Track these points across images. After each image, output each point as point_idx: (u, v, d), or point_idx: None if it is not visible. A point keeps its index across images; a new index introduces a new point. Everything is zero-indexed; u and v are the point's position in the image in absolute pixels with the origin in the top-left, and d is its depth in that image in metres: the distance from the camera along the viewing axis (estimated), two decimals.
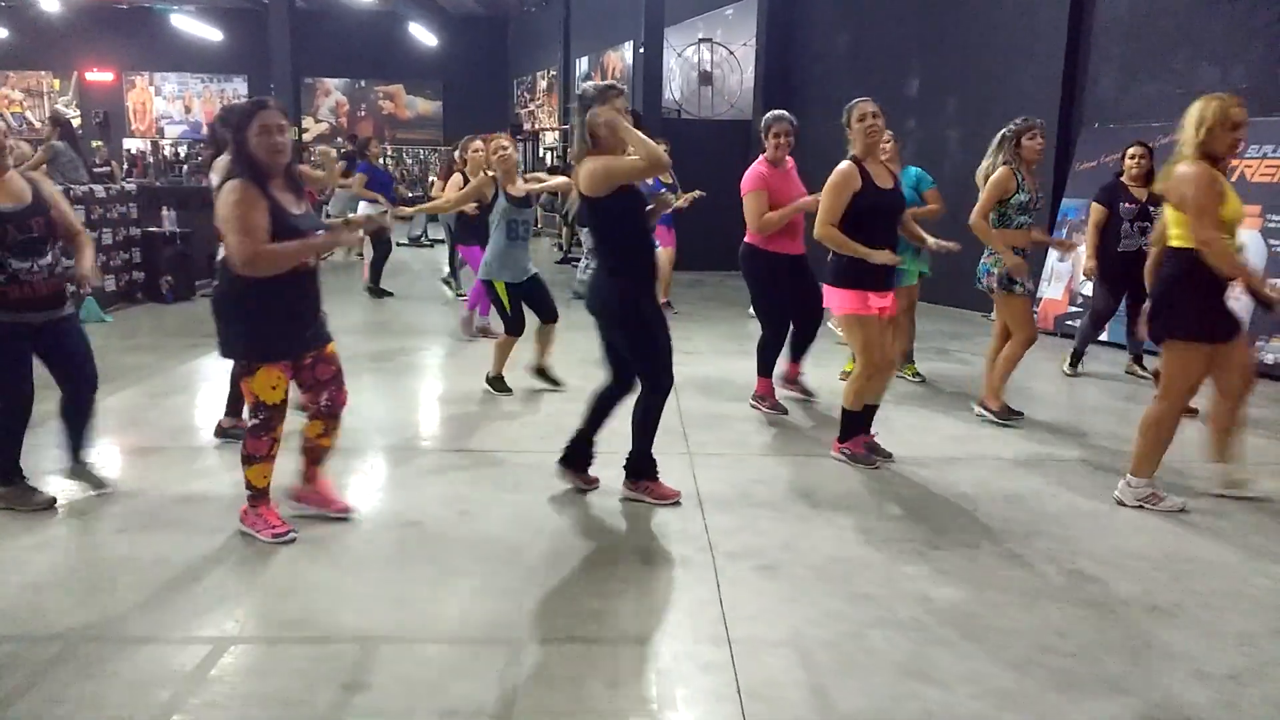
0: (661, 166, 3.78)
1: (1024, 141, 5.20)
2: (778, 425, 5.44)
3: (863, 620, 3.06)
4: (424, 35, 23.67)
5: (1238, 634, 3.02)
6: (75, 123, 15.31)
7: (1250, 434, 4.32)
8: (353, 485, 4.27)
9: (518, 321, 5.92)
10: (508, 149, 5.92)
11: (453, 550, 3.59)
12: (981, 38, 9.70)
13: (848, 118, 4.49)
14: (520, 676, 2.72)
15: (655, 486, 4.11)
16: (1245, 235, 5.52)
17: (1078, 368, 6.87)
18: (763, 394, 5.71)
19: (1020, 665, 2.80)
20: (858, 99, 4.53)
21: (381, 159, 11.94)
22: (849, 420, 4.68)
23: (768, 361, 5.68)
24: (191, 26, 23.45)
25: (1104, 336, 7.07)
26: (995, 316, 5.64)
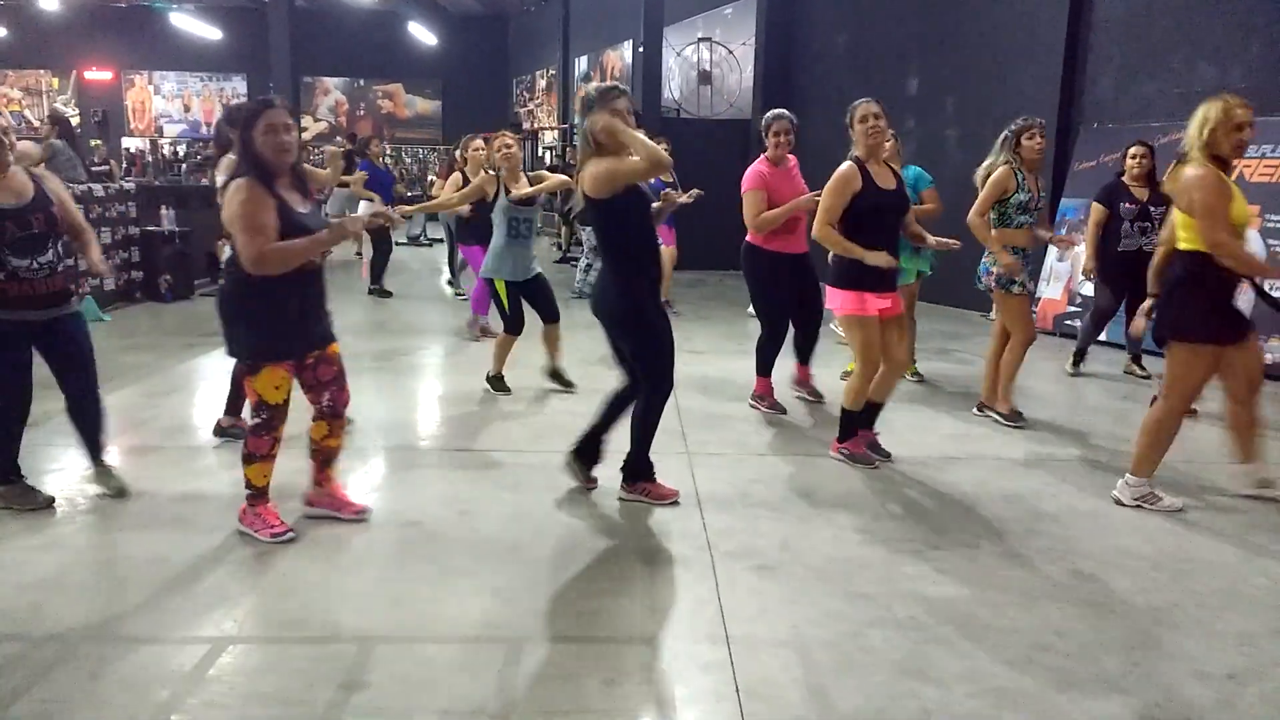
0: (663, 166, 3.77)
1: (1023, 141, 5.21)
2: (777, 425, 5.44)
3: (861, 620, 3.07)
4: (423, 34, 23.66)
5: (1236, 633, 3.03)
6: (74, 121, 15.32)
7: (1226, 429, 4.30)
8: (352, 485, 4.27)
9: (516, 320, 5.91)
10: (512, 147, 5.92)
11: (452, 550, 3.59)
12: (981, 38, 9.70)
13: (850, 118, 4.49)
14: (519, 675, 2.72)
15: (653, 487, 4.11)
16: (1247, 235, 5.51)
17: (1080, 367, 6.88)
18: (762, 394, 5.71)
19: (1019, 664, 2.81)
20: (860, 100, 4.52)
21: (382, 158, 11.92)
22: (848, 420, 4.68)
23: (767, 361, 5.67)
24: (191, 25, 23.42)
25: (1103, 336, 7.08)
26: (995, 316, 5.65)
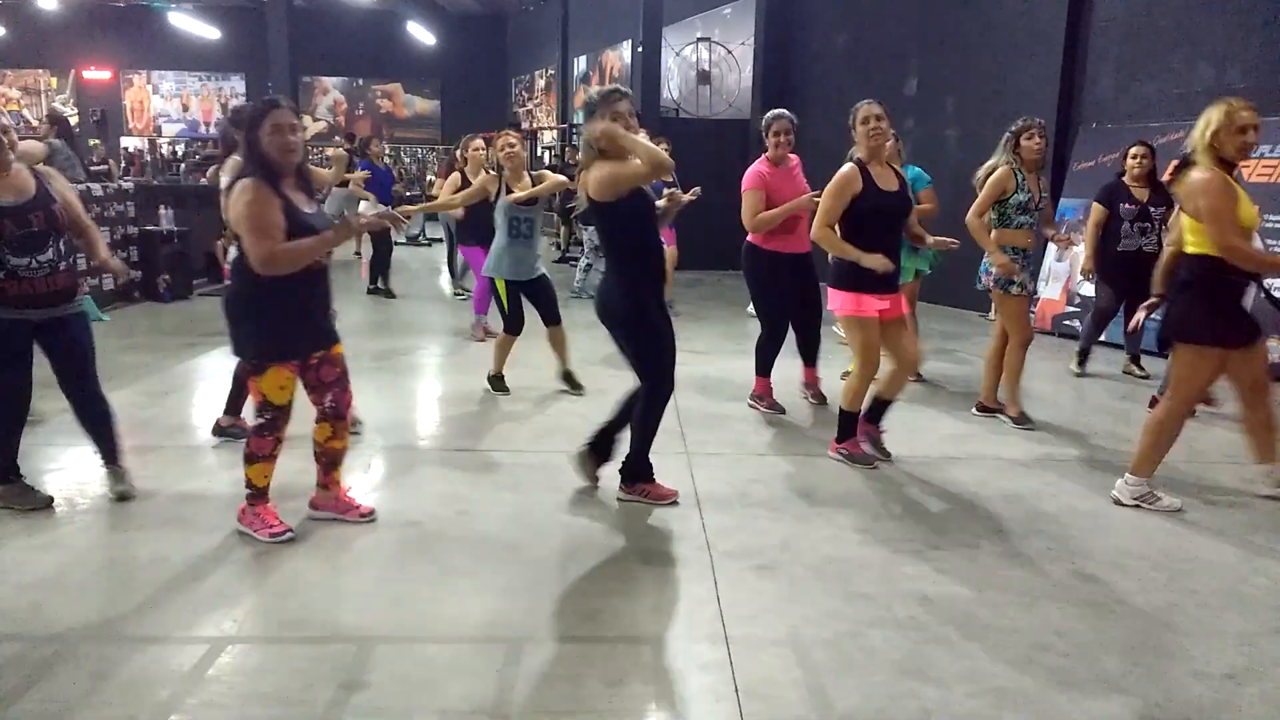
0: (664, 168, 3.76)
1: (1022, 141, 5.20)
2: (776, 425, 5.44)
3: (861, 619, 3.07)
4: (422, 34, 23.65)
5: (1236, 633, 3.03)
6: (73, 121, 15.30)
7: (1242, 432, 4.30)
8: (353, 485, 4.27)
9: (516, 319, 5.90)
10: (515, 146, 5.90)
11: (452, 550, 3.59)
12: (981, 38, 9.70)
13: (852, 120, 4.48)
14: (518, 675, 2.72)
15: (652, 488, 4.11)
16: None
17: (1084, 367, 6.88)
18: (761, 394, 5.71)
19: (1018, 664, 2.81)
20: (862, 102, 4.52)
21: (382, 159, 11.92)
22: (847, 421, 4.68)
23: (766, 361, 5.67)
24: (189, 25, 23.41)
25: (1102, 336, 7.07)
26: (995, 316, 5.65)
